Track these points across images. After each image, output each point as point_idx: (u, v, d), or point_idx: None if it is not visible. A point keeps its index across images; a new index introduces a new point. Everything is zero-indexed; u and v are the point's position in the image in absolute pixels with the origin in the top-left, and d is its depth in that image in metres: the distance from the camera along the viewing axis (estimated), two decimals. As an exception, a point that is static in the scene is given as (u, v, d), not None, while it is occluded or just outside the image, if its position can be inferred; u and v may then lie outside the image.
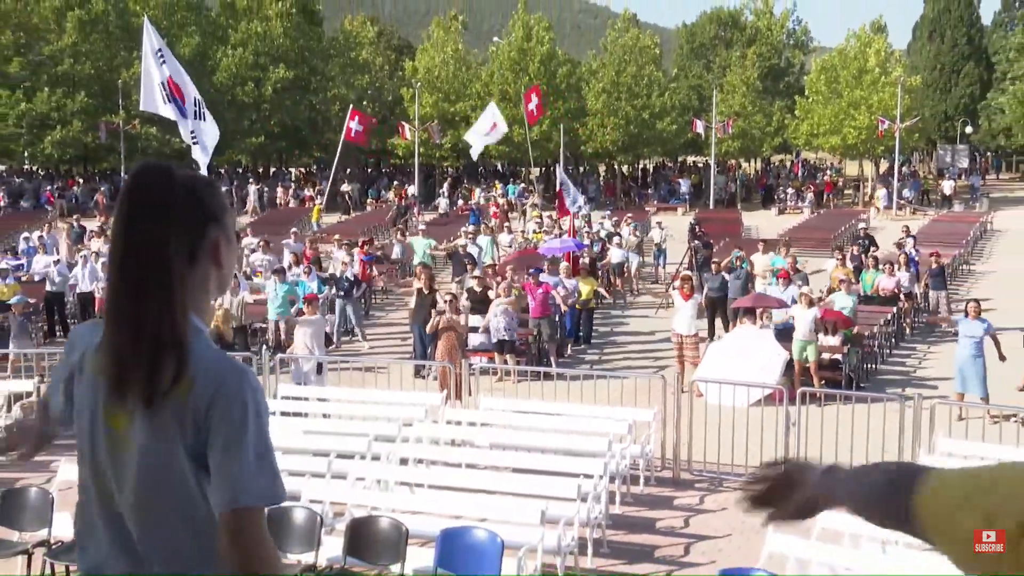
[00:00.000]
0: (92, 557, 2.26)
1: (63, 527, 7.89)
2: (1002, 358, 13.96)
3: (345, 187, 49.03)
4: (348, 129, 31.98)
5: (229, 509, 2.07)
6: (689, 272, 20.42)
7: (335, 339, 18.87)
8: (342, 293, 19.71)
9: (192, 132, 14.74)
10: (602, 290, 21.37)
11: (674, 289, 17.35)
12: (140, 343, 2.07)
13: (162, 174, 2.17)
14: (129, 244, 2.11)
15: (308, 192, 49.60)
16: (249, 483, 2.07)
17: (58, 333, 19.89)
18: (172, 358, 2.07)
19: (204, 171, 15.78)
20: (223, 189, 2.20)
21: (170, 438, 2.10)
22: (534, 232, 31.09)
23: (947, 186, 50.15)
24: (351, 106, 32.23)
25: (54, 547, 7.76)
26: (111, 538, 2.20)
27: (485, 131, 32.73)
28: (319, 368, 14.16)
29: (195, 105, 14.69)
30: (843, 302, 17.41)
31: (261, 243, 25.16)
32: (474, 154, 32.39)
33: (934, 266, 21.63)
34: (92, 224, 33.34)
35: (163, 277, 2.09)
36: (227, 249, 2.23)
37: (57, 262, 21.72)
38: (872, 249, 26.57)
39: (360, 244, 24.37)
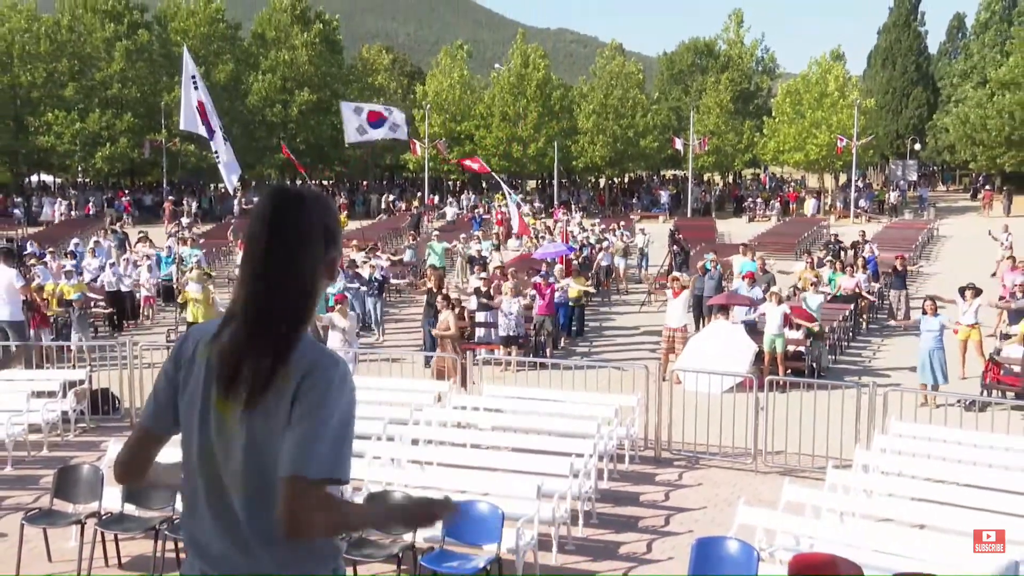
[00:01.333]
0: (196, 534, 2.20)
1: (112, 500, 7.89)
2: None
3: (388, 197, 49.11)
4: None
5: (288, 475, 2.00)
6: (678, 273, 20.41)
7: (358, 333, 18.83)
8: (371, 291, 19.67)
9: (216, 152, 14.74)
10: (590, 288, 21.35)
11: (667, 288, 17.35)
12: (266, 340, 2.05)
13: (297, 200, 2.14)
14: (269, 263, 2.08)
15: (342, 200, 49.54)
16: (315, 456, 2.02)
17: (101, 329, 19.90)
18: (279, 362, 2.05)
19: (231, 188, 15.84)
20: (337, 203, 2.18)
21: (273, 425, 2.06)
22: (533, 237, 31.12)
23: (893, 196, 50.23)
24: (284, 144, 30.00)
25: (104, 518, 7.75)
26: (214, 517, 2.15)
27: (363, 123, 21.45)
28: (353, 359, 14.10)
29: (221, 129, 14.73)
30: (813, 301, 17.45)
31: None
32: (348, 137, 21.79)
33: (898, 268, 21.65)
34: (153, 229, 33.32)
35: (297, 293, 2.08)
36: (335, 266, 2.22)
37: (112, 264, 21.70)
38: (842, 254, 26.64)
39: (371, 249, 24.39)
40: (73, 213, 45.44)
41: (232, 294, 2.22)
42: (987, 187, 52.72)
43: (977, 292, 15.80)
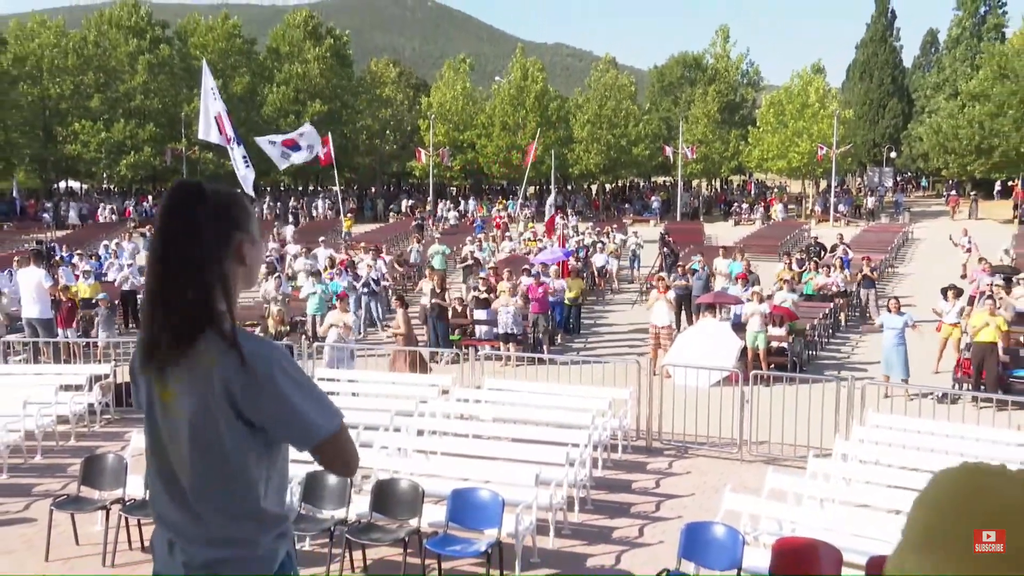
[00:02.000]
0: (157, 508, 2.27)
1: (136, 487, 7.90)
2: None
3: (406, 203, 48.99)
4: (323, 157, 29.03)
5: (311, 447, 2.14)
6: (663, 273, 20.43)
7: (361, 330, 18.85)
8: (368, 291, 19.68)
9: (244, 158, 14.78)
10: (583, 287, 21.39)
11: (652, 288, 17.35)
12: (168, 318, 2.09)
13: (193, 190, 2.18)
14: (167, 245, 2.13)
15: (352, 205, 49.45)
16: (311, 421, 2.12)
17: (131, 325, 19.93)
18: (191, 329, 2.08)
19: (249, 190, 15.82)
20: (250, 202, 2.20)
21: (206, 407, 2.09)
22: (527, 240, 31.10)
23: (869, 201, 50.22)
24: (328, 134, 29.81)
25: (128, 504, 7.76)
26: (169, 496, 2.20)
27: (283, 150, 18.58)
28: (351, 354, 14.15)
29: (236, 138, 14.78)
30: (782, 297, 17.46)
31: (303, 249, 25.30)
32: (279, 165, 18.91)
33: (865, 269, 21.64)
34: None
35: (193, 270, 2.10)
36: (250, 249, 2.22)
37: (131, 265, 21.72)
38: (823, 255, 26.64)
39: (376, 251, 24.39)
40: (102, 217, 45.34)
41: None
42: (953, 192, 52.75)
43: (958, 293, 15.83)
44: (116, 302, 19.99)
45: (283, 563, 2.23)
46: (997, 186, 54.72)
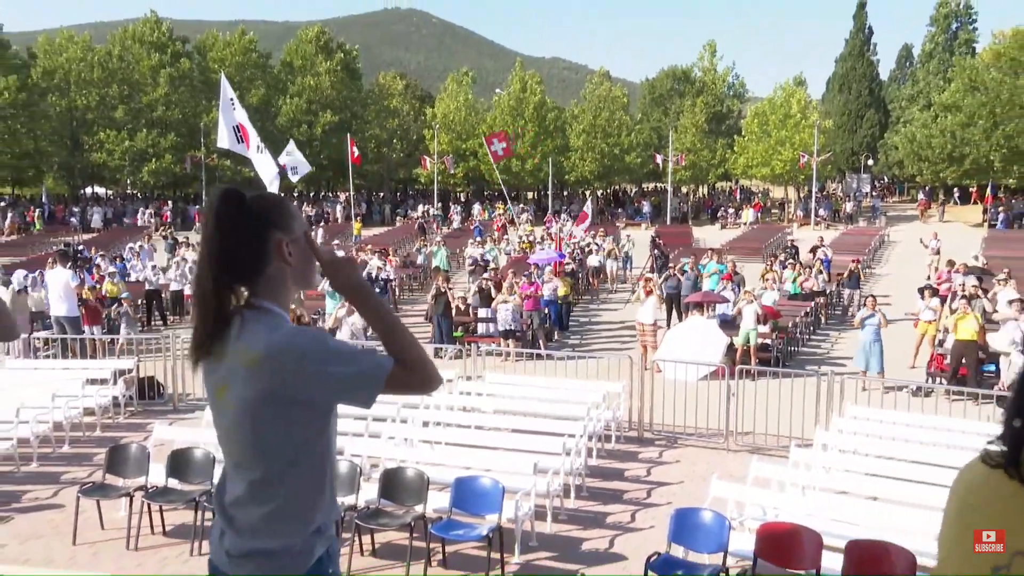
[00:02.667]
0: (215, 502, 2.26)
1: (157, 475, 7.90)
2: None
3: (421, 209, 48.85)
4: (353, 155, 28.81)
5: (375, 399, 2.08)
6: (651, 275, 20.42)
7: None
8: (379, 290, 19.69)
9: (293, 167, 14.76)
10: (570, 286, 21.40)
11: (641, 288, 17.35)
12: (206, 315, 2.08)
13: (235, 195, 2.16)
14: (205, 246, 2.12)
15: (360, 210, 49.35)
16: (368, 373, 2.06)
17: (155, 322, 19.93)
18: (227, 325, 2.08)
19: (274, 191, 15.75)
20: (288, 206, 2.15)
21: (251, 402, 2.06)
22: (525, 242, 31.09)
23: (848, 206, 50.22)
24: (349, 136, 29.90)
25: (150, 491, 7.76)
26: (224, 486, 2.21)
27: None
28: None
29: (259, 145, 14.72)
30: (768, 299, 17.47)
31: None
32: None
33: (852, 270, 21.71)
34: (182, 236, 33.37)
35: (226, 268, 2.09)
36: (295, 249, 2.18)
37: (154, 267, 21.71)
38: (798, 254, 26.65)
39: (384, 253, 24.40)
40: (140, 221, 45.21)
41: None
42: (922, 196, 52.81)
43: (934, 292, 15.89)
44: (140, 301, 20.00)
45: (321, 559, 2.18)
46: (972, 190, 54.67)
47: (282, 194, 3.02)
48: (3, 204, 48.49)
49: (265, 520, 2.12)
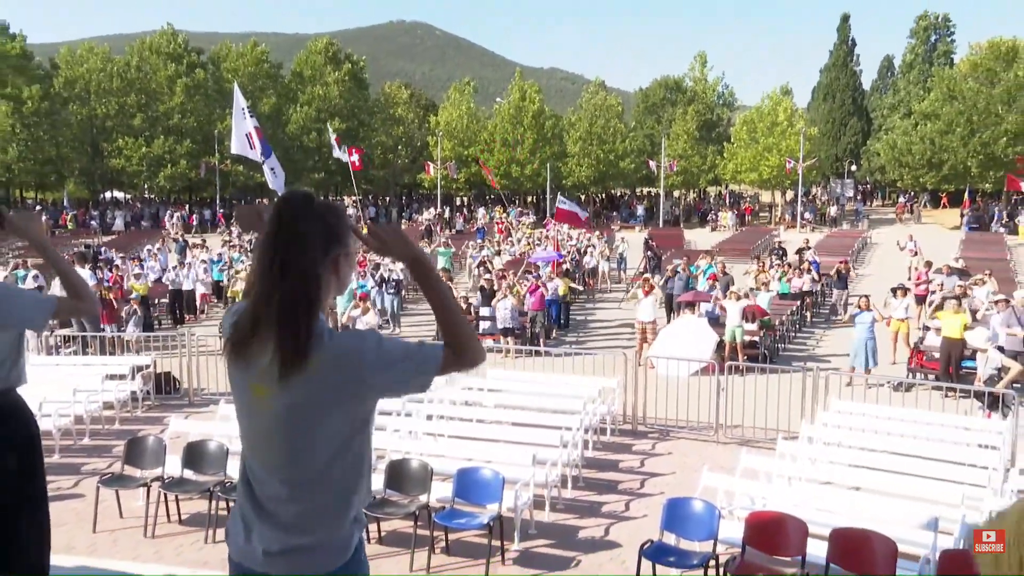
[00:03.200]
0: (241, 501, 2.17)
1: (173, 466, 7.90)
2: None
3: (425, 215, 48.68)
4: (352, 163, 28.63)
5: (432, 382, 2.10)
6: (649, 275, 20.42)
7: (382, 324, 18.83)
8: (388, 290, 19.66)
9: (272, 169, 14.76)
10: (576, 286, 21.36)
11: (638, 288, 17.34)
12: (285, 335, 1.97)
13: (304, 202, 2.09)
14: (276, 255, 2.01)
15: (367, 214, 49.27)
16: (423, 366, 2.05)
17: (178, 320, 19.93)
18: (304, 345, 1.98)
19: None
20: (347, 214, 2.07)
21: (305, 405, 2.00)
22: (525, 243, 31.07)
23: (832, 210, 50.20)
24: (352, 147, 29.34)
25: (166, 481, 7.75)
26: (255, 485, 2.12)
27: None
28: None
29: (267, 150, 14.74)
30: (763, 299, 17.46)
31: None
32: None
33: (841, 271, 21.76)
34: (196, 239, 33.34)
35: (297, 280, 1.99)
36: (345, 262, 2.13)
37: (174, 268, 21.71)
38: (784, 257, 26.65)
39: None
40: (169, 224, 45.21)
41: (246, 283, 2.15)
42: (900, 200, 52.83)
43: (906, 292, 15.90)
44: (157, 300, 20.00)
45: (357, 546, 2.15)
46: (942, 195, 54.66)
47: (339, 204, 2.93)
48: (39, 208, 48.50)
49: (309, 516, 2.06)
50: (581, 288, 23.72)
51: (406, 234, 2.17)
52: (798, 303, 19.76)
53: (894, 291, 15.75)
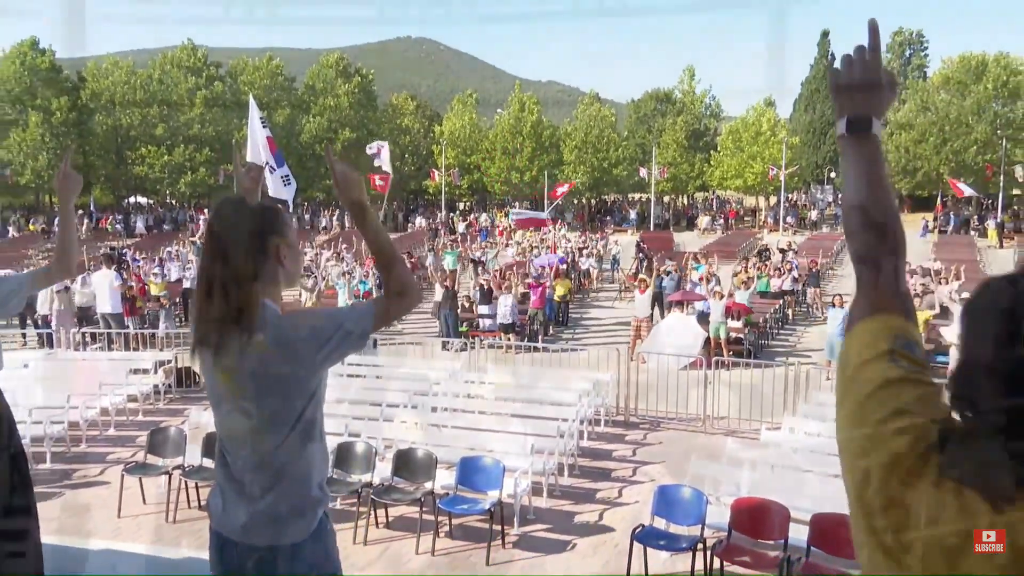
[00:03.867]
0: (220, 476, 2.24)
1: (193, 455, 7.89)
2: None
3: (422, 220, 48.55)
4: (380, 187, 28.94)
5: (373, 331, 2.11)
6: (645, 275, 20.43)
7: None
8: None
9: (285, 177, 14.69)
10: (570, 287, 21.35)
11: (635, 287, 17.34)
12: (223, 314, 2.05)
13: (235, 204, 2.18)
14: (215, 250, 2.11)
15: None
16: (359, 327, 2.08)
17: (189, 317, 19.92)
18: (244, 322, 2.05)
19: (290, 205, 15.70)
20: (290, 215, 2.09)
21: (261, 382, 2.06)
22: (525, 245, 31.05)
23: (813, 214, 50.20)
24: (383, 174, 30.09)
25: (187, 469, 7.75)
26: (231, 461, 2.19)
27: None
28: (374, 343, 14.11)
29: (279, 159, 14.68)
30: (741, 296, 17.44)
31: (334, 255, 25.28)
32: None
33: (812, 269, 21.75)
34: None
35: (237, 271, 2.07)
36: (288, 252, 2.18)
37: (189, 267, 21.70)
38: (770, 257, 26.67)
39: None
40: (165, 226, 45.28)
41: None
42: None
43: None
44: (177, 299, 19.99)
45: (322, 518, 2.20)
46: (906, 201, 54.64)
47: (280, 204, 3.00)
48: (80, 212, 48.56)
49: (274, 487, 2.12)
50: (577, 288, 23.69)
51: (354, 180, 2.21)
52: (780, 302, 19.76)
53: None
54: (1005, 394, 0.98)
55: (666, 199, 62.84)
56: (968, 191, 40.42)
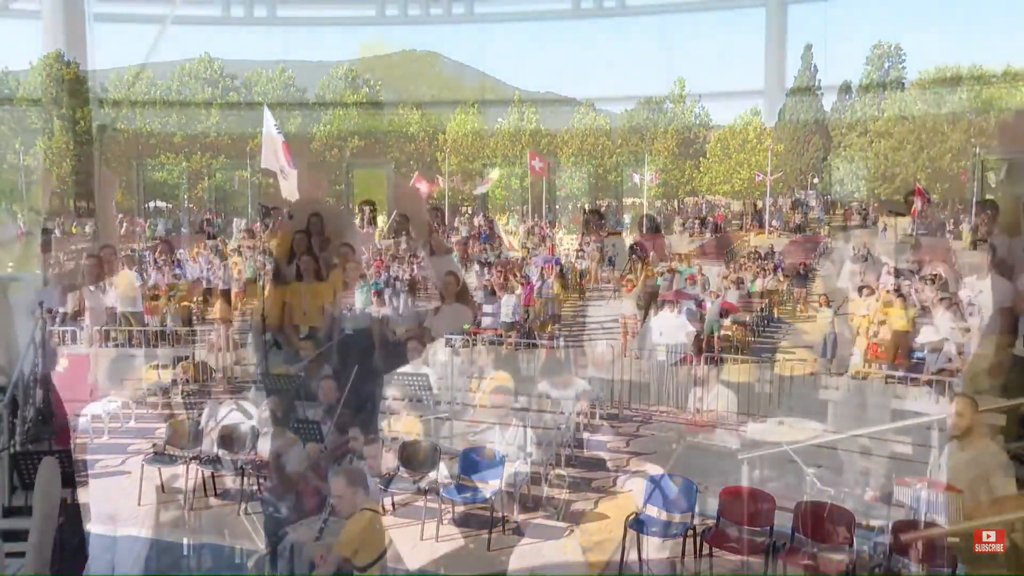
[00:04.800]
0: None
1: (209, 446, 7.88)
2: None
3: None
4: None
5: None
6: (631, 276, 20.36)
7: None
8: (402, 288, 19.65)
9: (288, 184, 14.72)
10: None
11: (622, 286, 17.38)
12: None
13: (316, 212, 2.15)
14: (299, 252, 2.08)
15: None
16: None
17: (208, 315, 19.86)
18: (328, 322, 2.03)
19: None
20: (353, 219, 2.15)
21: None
22: (525, 247, 30.98)
23: (797, 217, 50.15)
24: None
25: (203, 460, 7.77)
26: None
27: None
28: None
29: (283, 169, 14.71)
30: (732, 296, 17.45)
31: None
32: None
33: (800, 270, 21.80)
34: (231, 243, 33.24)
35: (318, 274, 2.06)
36: (351, 256, 2.18)
37: (209, 268, 21.66)
38: (758, 259, 26.68)
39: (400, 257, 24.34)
40: (183, 230, 45.10)
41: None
42: (848, 207, 52.93)
43: (872, 291, 15.83)
44: (197, 298, 19.93)
45: None
46: (874, 205, 54.71)
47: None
48: (120, 215, 48.66)
49: None
50: (572, 287, 23.65)
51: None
52: (767, 301, 19.77)
53: (860, 290, 15.72)
54: None
55: (658, 204, 62.88)
56: (932, 198, 40.46)
